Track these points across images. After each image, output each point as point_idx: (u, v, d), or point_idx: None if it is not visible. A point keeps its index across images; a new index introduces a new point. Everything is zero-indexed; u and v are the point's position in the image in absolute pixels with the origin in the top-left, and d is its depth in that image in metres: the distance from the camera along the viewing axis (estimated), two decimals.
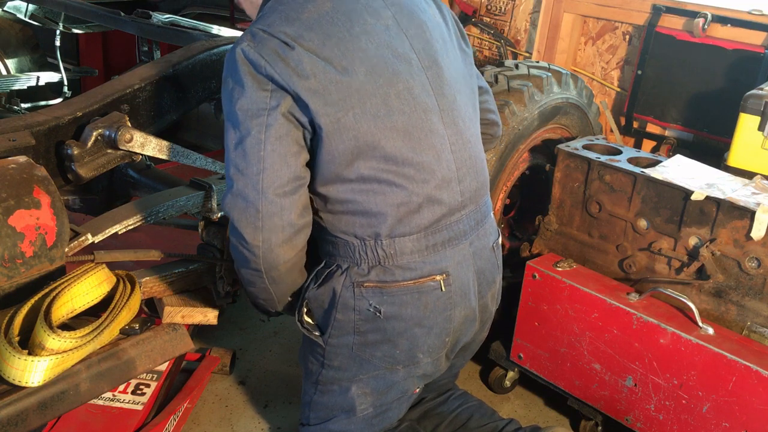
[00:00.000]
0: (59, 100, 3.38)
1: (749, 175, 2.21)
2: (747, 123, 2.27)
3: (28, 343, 1.42)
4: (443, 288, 1.63)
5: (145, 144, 1.95)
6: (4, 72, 3.53)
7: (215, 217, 1.91)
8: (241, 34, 1.52)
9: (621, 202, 2.25)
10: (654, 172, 2.18)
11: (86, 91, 2.02)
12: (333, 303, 1.64)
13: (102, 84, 2.06)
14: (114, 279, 1.60)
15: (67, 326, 1.48)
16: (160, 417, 2.10)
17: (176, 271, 1.82)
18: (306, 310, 1.71)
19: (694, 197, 2.06)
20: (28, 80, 3.32)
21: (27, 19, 3.42)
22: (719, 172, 2.22)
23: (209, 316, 1.82)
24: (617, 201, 2.26)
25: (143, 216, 1.85)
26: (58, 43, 3.39)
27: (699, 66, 3.08)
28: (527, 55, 3.71)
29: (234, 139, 1.50)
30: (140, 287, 1.69)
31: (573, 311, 2.22)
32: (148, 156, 2.00)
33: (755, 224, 1.95)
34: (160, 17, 2.92)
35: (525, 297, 2.35)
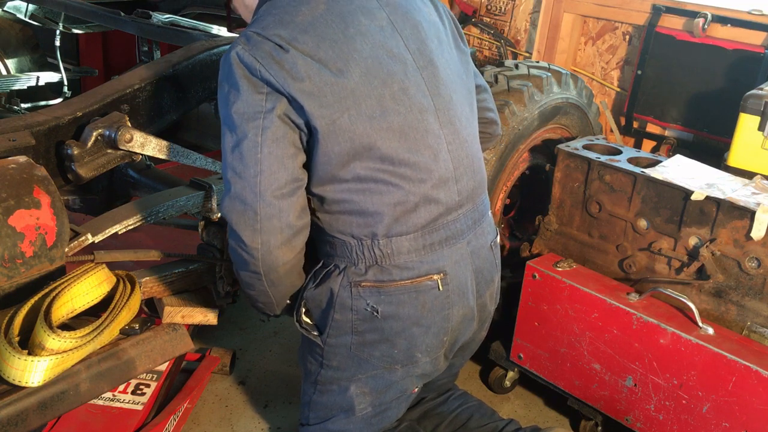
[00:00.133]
0: (59, 100, 3.38)
1: (749, 175, 2.21)
2: (747, 123, 2.27)
3: (28, 343, 1.42)
4: (441, 287, 1.63)
5: (145, 144, 1.95)
6: (4, 72, 3.52)
7: (215, 217, 1.91)
8: (236, 38, 1.52)
9: (621, 202, 2.25)
10: (654, 172, 2.18)
11: (86, 91, 2.02)
12: (331, 303, 1.64)
13: (102, 84, 2.06)
14: (114, 279, 1.60)
15: (67, 326, 1.48)
16: (160, 417, 2.10)
17: (176, 271, 1.82)
18: (304, 310, 1.71)
19: (694, 197, 2.06)
20: (28, 80, 3.32)
21: (27, 19, 3.42)
22: (719, 172, 2.22)
23: (209, 316, 1.82)
24: (617, 201, 2.26)
25: (143, 216, 1.85)
26: (58, 43, 3.39)
27: (699, 66, 3.08)
28: (527, 55, 3.71)
29: (231, 143, 1.50)
30: (140, 287, 1.69)
31: (573, 311, 2.22)
32: (148, 156, 2.00)
33: (755, 224, 1.95)
34: (160, 17, 2.92)
35: (525, 297, 2.35)
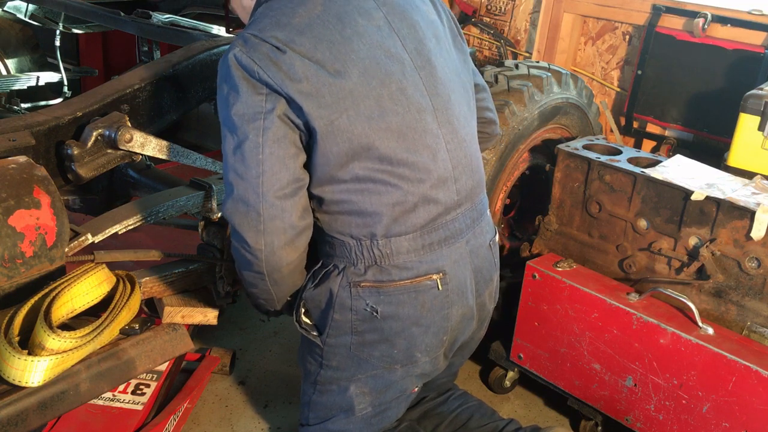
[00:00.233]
0: (59, 100, 3.38)
1: (749, 175, 2.21)
2: (747, 123, 2.27)
3: (28, 343, 1.42)
4: (440, 287, 1.63)
5: (145, 144, 1.95)
6: (4, 72, 3.53)
7: (215, 217, 1.91)
8: (233, 40, 1.52)
9: (621, 202, 2.25)
10: (654, 172, 2.18)
11: (86, 91, 2.02)
12: (330, 303, 1.64)
13: (102, 84, 2.06)
14: (114, 279, 1.60)
15: (67, 326, 1.48)
16: (160, 417, 2.10)
17: (176, 271, 1.82)
18: (303, 311, 1.71)
19: (694, 197, 2.06)
20: (28, 80, 3.32)
21: (27, 19, 3.42)
22: (719, 172, 2.22)
23: (209, 316, 1.82)
24: (617, 201, 2.26)
25: (143, 216, 1.85)
26: (58, 43, 3.39)
27: (699, 66, 3.08)
28: (527, 55, 3.71)
29: (232, 144, 1.50)
30: (140, 287, 1.69)
31: (573, 311, 2.22)
32: (148, 156, 2.00)
33: (755, 224, 1.95)
34: (160, 17, 2.93)
35: (525, 297, 2.35)
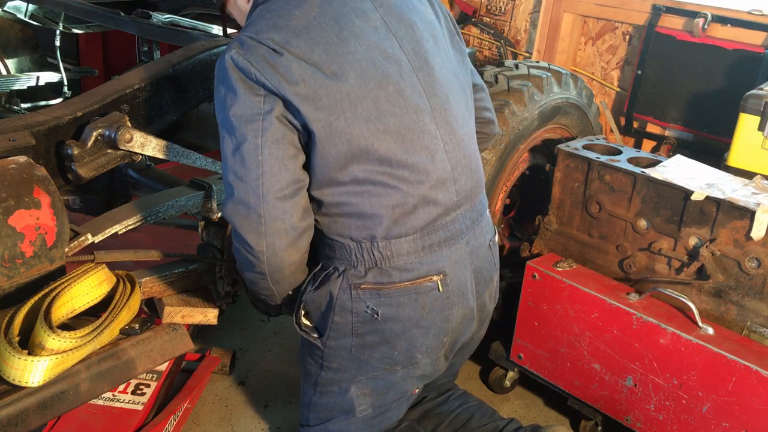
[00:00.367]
0: (59, 100, 3.38)
1: (749, 175, 2.21)
2: (747, 123, 2.27)
3: (28, 343, 1.42)
4: (441, 288, 1.63)
5: (145, 144, 1.95)
6: (4, 72, 3.53)
7: (215, 217, 1.91)
8: (230, 42, 1.52)
9: (621, 202, 2.25)
10: (654, 172, 2.18)
11: (86, 91, 2.03)
12: (330, 305, 1.64)
13: (102, 84, 2.07)
14: (114, 279, 1.60)
15: (67, 326, 1.48)
16: (160, 417, 2.10)
17: (176, 271, 1.82)
18: (303, 313, 1.70)
19: (694, 197, 2.06)
20: (28, 80, 3.32)
21: (27, 19, 3.42)
22: (719, 172, 2.22)
23: (209, 316, 1.82)
24: (617, 201, 2.26)
25: (143, 216, 1.85)
26: (58, 43, 3.39)
27: (699, 66, 3.08)
28: (527, 55, 3.71)
29: (231, 146, 1.49)
30: (140, 287, 1.69)
31: (573, 311, 2.22)
32: (148, 156, 2.00)
33: (755, 224, 1.95)
34: (160, 17, 2.93)
35: (525, 297, 2.35)
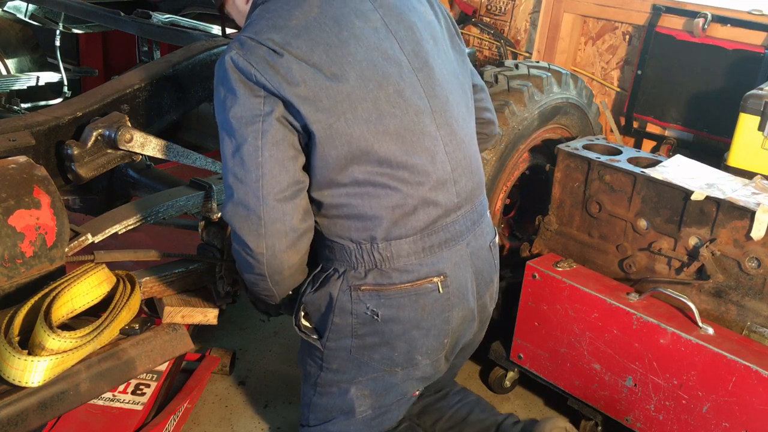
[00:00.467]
0: (59, 100, 3.38)
1: (749, 175, 2.21)
2: (747, 123, 2.27)
3: (28, 343, 1.42)
4: (441, 290, 1.63)
5: (145, 144, 1.95)
6: (4, 72, 3.53)
7: (215, 217, 1.91)
8: (230, 42, 1.51)
9: (621, 202, 2.25)
10: (654, 172, 2.18)
11: (86, 91, 2.03)
12: (330, 307, 1.64)
13: (102, 84, 2.07)
14: (114, 279, 1.60)
15: (67, 326, 1.48)
16: (160, 417, 2.10)
17: (176, 271, 1.82)
18: (303, 314, 1.70)
19: (694, 197, 2.06)
20: (28, 80, 3.32)
21: (27, 19, 3.42)
22: (719, 172, 2.22)
23: (209, 316, 1.82)
24: (617, 201, 2.26)
25: (143, 216, 1.85)
26: (58, 43, 3.39)
27: (699, 66, 3.08)
28: (527, 55, 3.71)
29: (231, 148, 1.49)
30: (140, 287, 1.69)
31: (573, 311, 2.22)
32: (148, 156, 2.00)
33: (755, 224, 1.95)
34: (160, 17, 2.93)
35: (525, 297, 2.35)
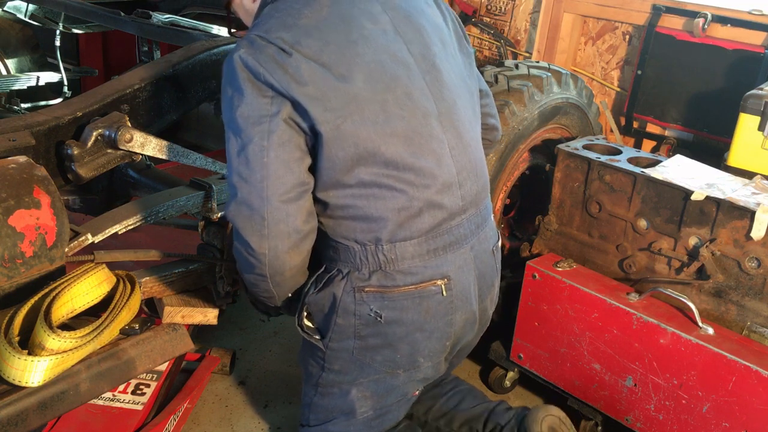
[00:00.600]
0: (59, 100, 3.38)
1: (749, 175, 2.21)
2: (747, 123, 2.27)
3: (28, 343, 1.42)
4: (444, 292, 1.63)
5: (145, 144, 1.95)
6: (4, 72, 3.52)
7: (215, 217, 1.92)
8: (238, 41, 1.51)
9: (621, 202, 2.25)
10: (654, 172, 2.18)
11: (86, 91, 2.03)
12: (333, 307, 1.63)
13: (102, 84, 2.07)
14: (114, 279, 1.60)
15: (67, 326, 1.48)
16: (160, 417, 2.10)
17: (176, 271, 1.82)
18: (306, 314, 1.70)
19: (694, 197, 2.06)
20: (28, 80, 3.32)
21: (27, 19, 3.42)
22: (719, 172, 2.22)
23: (209, 316, 1.82)
24: (617, 201, 2.26)
25: (143, 216, 1.85)
26: (58, 43, 3.39)
27: (699, 66, 3.08)
28: (527, 55, 3.71)
29: (236, 147, 1.49)
30: (140, 287, 1.69)
31: (573, 311, 2.22)
32: (148, 156, 2.00)
33: (755, 224, 1.95)
34: (160, 17, 2.92)
35: (525, 297, 2.35)
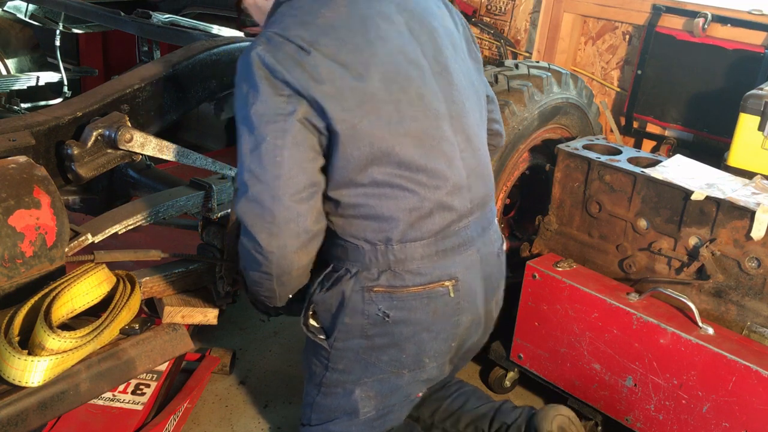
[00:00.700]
0: (59, 100, 3.38)
1: (749, 175, 2.21)
2: (747, 123, 2.27)
3: (28, 343, 1.42)
4: (452, 293, 1.63)
5: (145, 144, 1.95)
6: (4, 72, 3.52)
7: (215, 217, 1.92)
8: (255, 38, 1.50)
9: (621, 202, 2.25)
10: (654, 172, 2.18)
11: (86, 91, 2.02)
12: (341, 307, 1.63)
13: (102, 84, 2.07)
14: (114, 279, 1.60)
15: (67, 326, 1.48)
16: (160, 417, 2.10)
17: (176, 271, 1.82)
18: (311, 314, 1.70)
19: (694, 197, 2.06)
20: (28, 80, 3.31)
21: (27, 19, 3.42)
22: (719, 172, 2.22)
23: (209, 316, 1.82)
24: (617, 201, 2.26)
25: (143, 216, 1.85)
26: (58, 43, 3.38)
27: (699, 66, 3.08)
28: (527, 55, 3.71)
29: (249, 144, 1.47)
30: (140, 287, 1.69)
31: (573, 311, 2.22)
32: (148, 156, 2.00)
33: (755, 224, 1.95)
34: (160, 17, 2.92)
35: (525, 297, 2.35)
